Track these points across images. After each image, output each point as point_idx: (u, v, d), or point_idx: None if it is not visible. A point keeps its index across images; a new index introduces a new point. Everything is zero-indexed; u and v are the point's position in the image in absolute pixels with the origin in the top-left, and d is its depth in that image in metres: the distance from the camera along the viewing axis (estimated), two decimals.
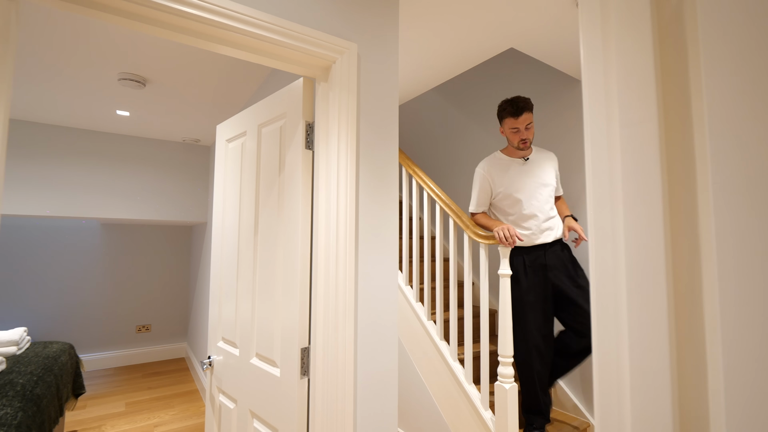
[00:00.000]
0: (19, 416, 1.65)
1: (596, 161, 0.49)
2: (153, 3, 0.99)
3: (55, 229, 4.21)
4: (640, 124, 0.44)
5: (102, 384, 3.94)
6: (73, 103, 2.81)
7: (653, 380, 0.41)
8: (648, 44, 0.43)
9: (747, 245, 0.34)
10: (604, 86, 0.48)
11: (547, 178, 2.07)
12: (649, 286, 0.42)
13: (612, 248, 0.46)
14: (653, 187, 0.42)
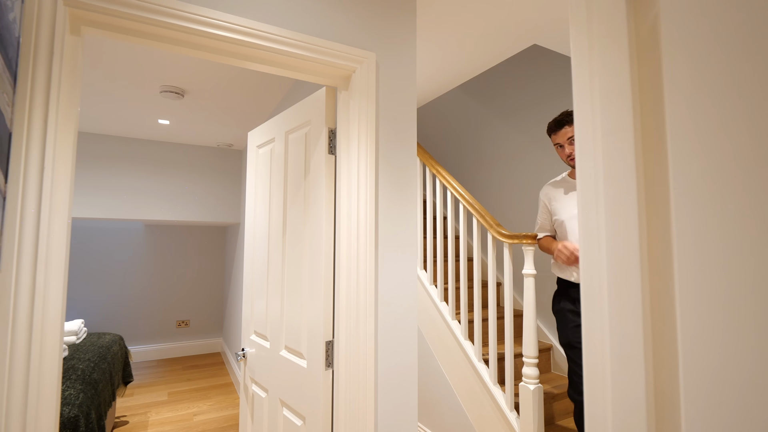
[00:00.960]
0: (81, 397, 1.84)
1: (584, 166, 0.53)
2: (192, 29, 1.10)
3: (104, 230, 4.53)
4: (618, 133, 0.48)
5: (146, 374, 4.22)
6: (120, 115, 3.04)
7: (630, 365, 0.45)
8: (625, 58, 0.48)
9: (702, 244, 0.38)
10: (589, 97, 0.53)
11: None
12: (625, 281, 0.46)
13: (597, 246, 0.51)
14: (629, 191, 0.46)
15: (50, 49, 0.92)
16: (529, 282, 1.96)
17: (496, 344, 2.14)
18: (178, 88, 2.52)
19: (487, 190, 3.49)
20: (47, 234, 0.92)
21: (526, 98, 3.12)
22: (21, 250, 0.88)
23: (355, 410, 1.29)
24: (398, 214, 1.43)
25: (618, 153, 0.48)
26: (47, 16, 0.92)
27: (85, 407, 1.86)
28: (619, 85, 0.48)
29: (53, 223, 0.93)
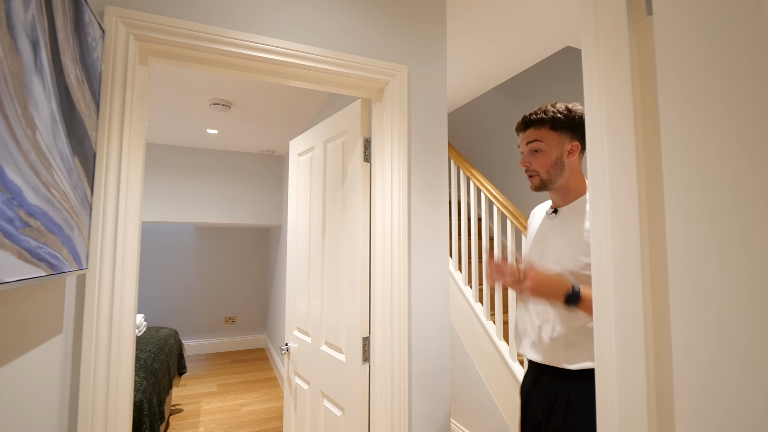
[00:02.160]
0: (144, 384, 2.05)
1: (594, 178, 0.58)
2: (240, 54, 1.23)
3: (159, 232, 4.91)
4: (621, 149, 0.53)
5: (198, 366, 4.52)
6: (174, 126, 3.31)
7: (632, 360, 0.50)
8: (627, 80, 0.52)
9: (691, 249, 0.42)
10: (598, 114, 0.57)
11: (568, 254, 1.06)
12: (628, 283, 0.51)
13: (604, 251, 0.55)
14: (631, 201, 0.51)
15: (124, 80, 1.07)
16: None
17: None
18: (226, 100, 2.71)
19: (521, 192, 3.46)
20: (123, 237, 1.06)
21: (562, 99, 3.07)
22: (103, 251, 1.03)
23: (390, 403, 1.37)
24: (430, 217, 1.49)
25: (622, 166, 0.52)
26: (121, 51, 1.07)
27: (148, 393, 2.06)
28: (623, 104, 0.52)
29: (128, 227, 1.08)
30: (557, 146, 1.08)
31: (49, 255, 0.73)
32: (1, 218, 0.58)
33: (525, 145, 1.13)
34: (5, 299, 0.69)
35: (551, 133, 1.09)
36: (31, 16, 0.63)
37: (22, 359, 0.77)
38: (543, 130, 1.09)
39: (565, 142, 1.08)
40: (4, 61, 0.57)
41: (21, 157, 0.62)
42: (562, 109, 1.09)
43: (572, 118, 1.08)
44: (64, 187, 0.79)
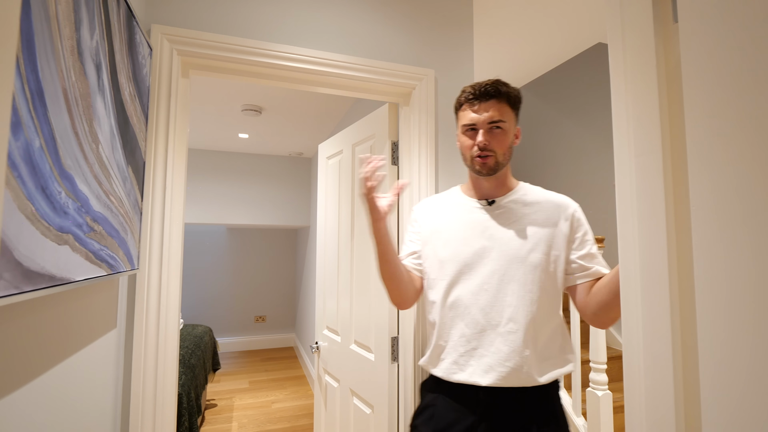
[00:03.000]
0: (183, 378, 2.16)
1: (621, 183, 0.59)
2: (273, 64, 1.29)
3: (194, 233, 5.12)
4: (647, 155, 0.54)
5: (230, 363, 4.69)
6: (208, 131, 3.45)
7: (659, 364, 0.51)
8: (653, 85, 0.53)
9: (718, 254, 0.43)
10: (625, 120, 0.58)
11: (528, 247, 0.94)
12: (655, 289, 0.52)
13: (632, 257, 0.56)
14: (658, 206, 0.52)
15: (168, 92, 1.15)
16: None
17: None
18: (257, 106, 2.81)
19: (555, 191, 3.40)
20: (168, 238, 1.14)
21: (595, 95, 3.01)
22: (151, 252, 1.11)
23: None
24: None
25: (647, 172, 0.53)
26: (166, 66, 1.15)
27: (186, 387, 2.17)
28: (649, 111, 0.54)
29: (172, 229, 1.16)
30: (512, 127, 0.96)
31: (109, 256, 0.80)
32: (73, 224, 0.65)
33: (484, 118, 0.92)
34: (75, 295, 0.77)
35: (510, 111, 0.95)
36: (95, 42, 0.70)
37: (87, 349, 0.85)
38: (504, 106, 0.93)
39: (515, 124, 0.97)
40: (76, 85, 0.64)
41: (88, 168, 0.69)
42: (513, 87, 0.96)
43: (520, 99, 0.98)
44: (120, 195, 0.86)
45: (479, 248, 0.93)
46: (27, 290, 0.52)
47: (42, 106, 0.54)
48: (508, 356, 0.87)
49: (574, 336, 2.02)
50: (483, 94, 0.93)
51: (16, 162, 0.49)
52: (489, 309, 0.90)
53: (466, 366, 0.89)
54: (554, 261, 0.93)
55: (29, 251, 0.52)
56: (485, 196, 1.01)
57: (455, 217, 1.00)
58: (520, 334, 0.88)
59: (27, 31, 0.50)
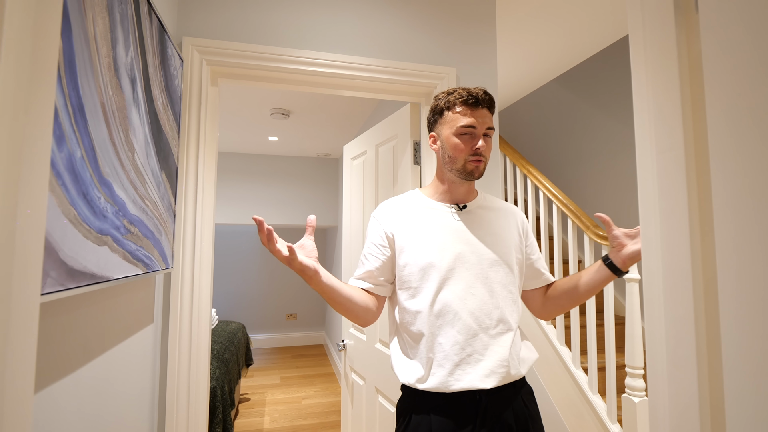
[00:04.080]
0: (217, 372, 2.26)
1: (643, 181, 0.58)
2: (299, 70, 1.33)
3: (228, 234, 5.31)
4: (670, 151, 0.52)
5: (263, 359, 4.83)
6: (239, 134, 3.57)
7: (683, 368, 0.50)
8: (675, 79, 0.52)
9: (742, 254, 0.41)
10: (646, 115, 0.57)
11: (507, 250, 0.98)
12: (678, 290, 0.50)
13: (654, 256, 0.55)
14: (680, 204, 0.50)
15: (199, 101, 1.21)
16: (633, 288, 1.85)
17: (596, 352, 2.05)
18: (285, 109, 2.89)
19: (586, 188, 3.29)
20: (200, 239, 1.20)
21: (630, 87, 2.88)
22: (184, 251, 1.17)
23: None
24: None
25: (672, 168, 0.52)
26: (197, 76, 1.21)
27: (221, 381, 2.27)
28: (671, 104, 0.52)
29: (204, 230, 1.21)
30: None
31: (145, 256, 0.86)
32: (111, 227, 0.70)
33: (482, 123, 0.93)
34: (115, 292, 0.83)
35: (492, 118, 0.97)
36: (130, 58, 0.75)
37: (126, 342, 0.91)
38: (491, 113, 0.96)
39: None
40: (113, 98, 0.69)
41: (124, 175, 0.74)
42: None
43: None
44: (154, 198, 0.92)
45: (458, 253, 0.92)
46: (71, 287, 0.57)
47: (82, 119, 0.58)
48: (504, 357, 0.89)
49: (608, 338, 1.95)
50: (480, 100, 0.93)
51: (60, 171, 0.53)
52: (479, 313, 0.89)
53: (464, 374, 0.86)
54: (519, 264, 1.00)
55: (73, 252, 0.57)
56: (456, 201, 1.00)
57: (430, 222, 0.96)
58: (510, 333, 0.92)
59: (68, 52, 0.54)
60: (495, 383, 0.86)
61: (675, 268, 0.51)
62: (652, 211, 0.55)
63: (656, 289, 0.54)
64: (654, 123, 0.55)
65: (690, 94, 0.51)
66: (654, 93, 0.55)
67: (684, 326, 0.50)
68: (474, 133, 0.92)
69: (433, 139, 0.99)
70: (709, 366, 0.48)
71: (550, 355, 2.28)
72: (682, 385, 0.49)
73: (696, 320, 0.49)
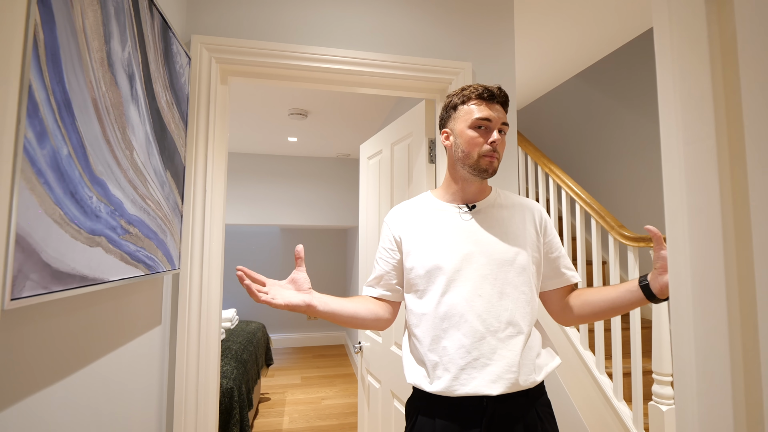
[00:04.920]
0: (235, 372, 2.27)
1: (669, 175, 0.51)
2: (311, 67, 1.30)
3: (250, 234, 5.39)
4: (699, 142, 0.45)
5: (283, 359, 4.87)
6: (259, 136, 3.61)
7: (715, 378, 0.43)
8: (705, 64, 0.45)
9: None
10: (672, 103, 0.50)
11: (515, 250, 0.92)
12: (709, 294, 0.44)
13: (682, 258, 0.48)
14: (712, 200, 0.44)
15: (207, 99, 1.20)
16: None
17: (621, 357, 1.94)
18: (302, 110, 2.89)
19: (610, 186, 3.14)
20: (209, 240, 1.19)
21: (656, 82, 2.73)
22: (192, 253, 1.16)
23: None
24: None
25: (701, 161, 0.45)
26: (205, 74, 1.20)
27: (238, 381, 2.28)
28: (700, 91, 0.45)
29: (213, 231, 1.20)
30: None
31: (146, 257, 0.85)
32: (106, 227, 0.68)
33: (498, 117, 0.90)
34: (113, 294, 0.82)
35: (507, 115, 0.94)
36: (127, 53, 0.74)
37: (131, 345, 0.90)
38: (506, 109, 0.93)
39: None
40: (107, 94, 0.67)
41: (121, 174, 0.73)
42: None
43: None
44: (158, 198, 0.91)
45: (467, 253, 0.89)
46: (56, 290, 0.55)
47: (70, 115, 0.57)
48: (512, 362, 0.83)
49: (634, 342, 1.84)
50: (496, 95, 0.90)
51: (42, 169, 0.52)
52: (486, 315, 0.85)
53: (470, 379, 0.82)
54: (536, 263, 0.94)
55: (58, 253, 0.55)
56: (468, 201, 0.96)
57: (438, 224, 0.94)
58: (521, 337, 0.86)
59: (52, 44, 0.53)
60: (502, 389, 0.82)
61: (706, 272, 0.44)
62: (679, 208, 0.49)
63: (684, 296, 0.48)
64: (681, 110, 0.48)
65: (722, 77, 0.44)
66: (681, 76, 0.48)
67: (716, 337, 0.43)
68: (489, 126, 0.89)
69: (446, 135, 0.96)
70: (745, 381, 0.41)
71: (573, 360, 2.17)
72: (715, 402, 0.43)
73: (730, 331, 0.42)
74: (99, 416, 0.78)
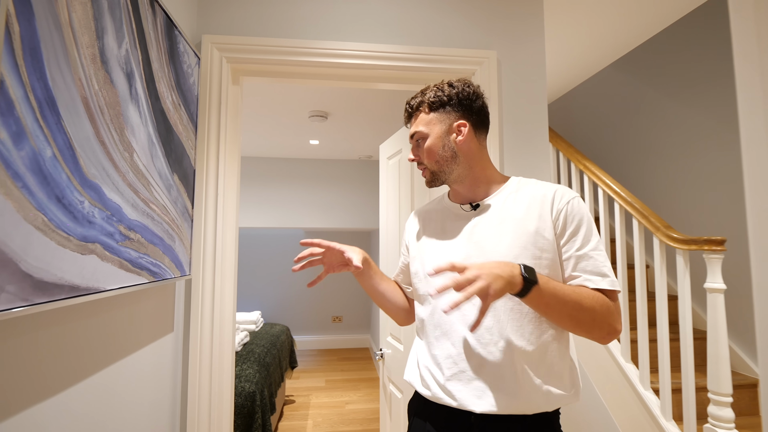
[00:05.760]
0: (257, 376, 2.25)
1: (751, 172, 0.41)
2: (327, 63, 1.25)
3: (275, 237, 5.43)
4: None
5: (309, 361, 4.87)
6: (281, 139, 3.61)
7: None
8: None
9: None
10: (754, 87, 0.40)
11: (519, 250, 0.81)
12: None
13: None
14: None
15: (219, 100, 1.17)
16: (717, 299, 1.56)
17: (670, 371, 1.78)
18: (323, 111, 2.85)
19: (653, 184, 2.93)
20: (222, 245, 1.15)
21: (706, 66, 2.52)
22: (204, 258, 1.13)
23: None
24: None
25: None
26: (216, 74, 1.17)
27: (260, 385, 2.26)
28: None
29: (225, 235, 1.17)
30: (440, 131, 0.86)
31: (151, 264, 0.81)
32: (102, 233, 0.64)
33: (410, 134, 0.90)
34: (115, 303, 0.78)
35: (431, 116, 0.87)
36: (124, 50, 0.70)
37: (139, 353, 0.87)
38: (422, 115, 0.88)
39: (449, 123, 0.86)
40: (100, 93, 0.63)
41: (119, 177, 0.69)
42: (441, 85, 0.88)
43: (455, 94, 0.86)
44: (163, 202, 0.87)
45: (464, 257, 0.83)
46: (39, 302, 0.51)
47: (54, 114, 0.53)
48: (501, 378, 0.76)
49: (685, 356, 1.67)
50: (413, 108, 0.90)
51: (20, 172, 0.47)
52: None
53: (456, 391, 0.77)
54: (548, 266, 0.78)
55: (42, 262, 0.51)
56: (470, 199, 0.90)
57: (440, 225, 0.91)
58: (516, 354, 0.76)
59: (30, 38, 0.48)
60: (487, 408, 0.75)
61: None
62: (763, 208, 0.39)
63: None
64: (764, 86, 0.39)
65: None
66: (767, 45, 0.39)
67: None
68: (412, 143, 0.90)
69: None
70: None
71: (614, 373, 2.01)
72: None
73: None
74: (102, 429, 0.75)
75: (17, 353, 0.55)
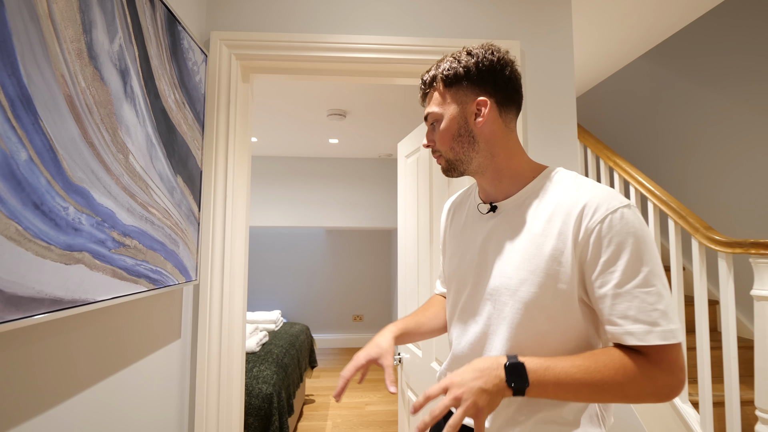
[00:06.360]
0: (275, 378, 2.23)
1: None
2: (340, 57, 1.19)
3: (294, 236, 5.45)
4: None
5: (329, 360, 4.86)
6: (300, 139, 3.59)
7: None
8: None
9: None
10: None
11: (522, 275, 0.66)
12: None
13: None
14: None
15: (227, 99, 1.13)
16: (766, 307, 1.43)
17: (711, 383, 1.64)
18: (341, 110, 2.81)
19: (689, 182, 2.74)
20: (231, 249, 1.12)
21: (747, 54, 2.32)
22: (213, 263, 1.09)
23: None
24: None
25: None
26: (225, 72, 1.12)
27: (278, 387, 2.24)
28: None
29: (235, 239, 1.13)
30: (456, 111, 0.69)
31: (150, 270, 0.77)
32: (90, 241, 0.60)
33: (425, 114, 0.74)
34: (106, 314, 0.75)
35: (446, 93, 0.71)
36: (117, 46, 0.66)
37: (142, 362, 0.83)
38: (436, 92, 0.72)
39: (467, 102, 0.69)
40: (87, 91, 0.59)
41: (112, 180, 0.65)
42: (459, 54, 0.70)
43: (474, 64, 0.68)
44: (165, 206, 0.83)
45: (476, 266, 0.73)
46: (12, 319, 0.47)
47: (30, 114, 0.49)
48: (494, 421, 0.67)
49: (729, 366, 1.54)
50: (426, 84, 0.74)
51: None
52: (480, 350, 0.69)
53: None
54: (563, 306, 0.62)
55: (15, 276, 0.47)
56: (489, 199, 0.75)
57: (464, 223, 0.80)
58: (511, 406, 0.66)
59: None
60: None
61: None
62: None
63: None
64: None
65: None
66: None
67: None
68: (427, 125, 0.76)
69: None
70: None
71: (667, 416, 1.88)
72: None
73: None
74: None
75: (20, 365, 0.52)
